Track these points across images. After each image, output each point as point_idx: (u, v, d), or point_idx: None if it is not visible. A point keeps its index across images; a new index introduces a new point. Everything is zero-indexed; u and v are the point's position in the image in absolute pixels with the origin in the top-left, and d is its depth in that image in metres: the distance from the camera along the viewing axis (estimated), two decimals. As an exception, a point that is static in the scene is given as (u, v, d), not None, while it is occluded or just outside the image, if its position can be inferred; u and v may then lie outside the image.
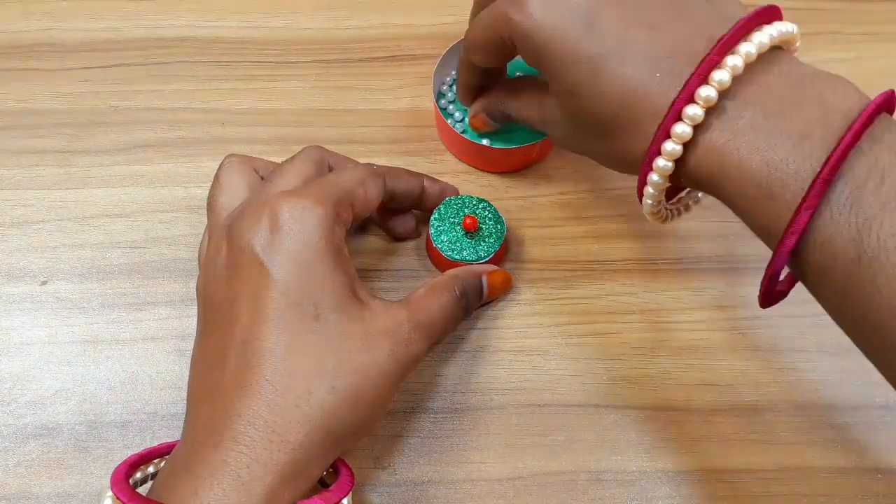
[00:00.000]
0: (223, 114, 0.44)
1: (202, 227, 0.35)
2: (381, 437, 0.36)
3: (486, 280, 0.37)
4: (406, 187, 0.37)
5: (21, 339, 0.38)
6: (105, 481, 0.28)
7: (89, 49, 0.45)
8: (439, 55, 0.41)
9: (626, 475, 0.36)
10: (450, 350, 0.38)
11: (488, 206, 0.39)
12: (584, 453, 0.36)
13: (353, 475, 0.31)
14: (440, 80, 0.42)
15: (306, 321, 0.29)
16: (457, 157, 0.43)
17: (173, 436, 0.35)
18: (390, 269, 0.40)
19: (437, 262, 0.39)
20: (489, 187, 0.42)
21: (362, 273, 0.39)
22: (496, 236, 0.38)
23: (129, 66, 0.45)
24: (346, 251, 0.32)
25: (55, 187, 0.41)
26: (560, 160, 0.43)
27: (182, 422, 0.31)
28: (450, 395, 0.37)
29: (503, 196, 0.42)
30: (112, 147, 0.42)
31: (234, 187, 0.34)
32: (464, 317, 0.37)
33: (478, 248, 0.38)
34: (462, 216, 0.38)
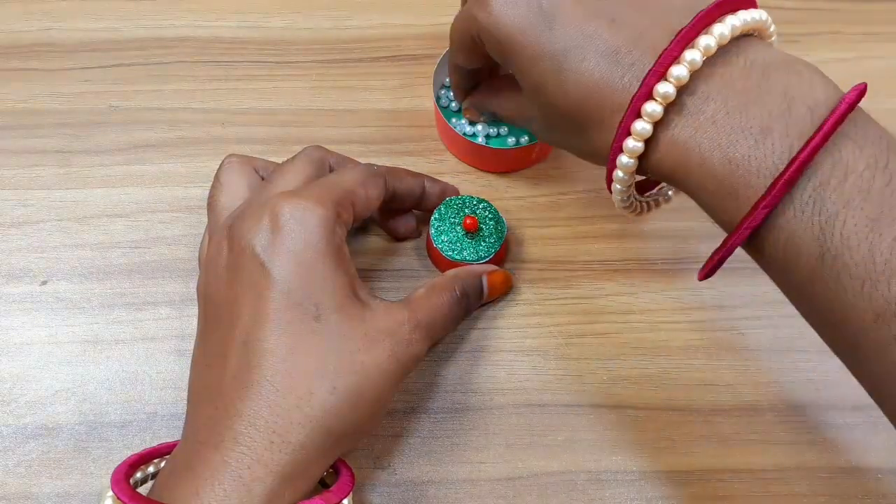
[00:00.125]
0: (223, 114, 0.44)
1: (202, 227, 0.35)
2: (381, 437, 0.36)
3: (486, 280, 0.37)
4: (406, 187, 0.37)
5: (21, 339, 0.38)
6: (105, 481, 0.28)
7: (89, 49, 0.45)
8: (439, 55, 0.41)
9: (626, 475, 0.36)
10: (450, 350, 0.38)
11: (488, 206, 0.39)
12: (584, 453, 0.36)
13: (353, 475, 0.31)
14: (440, 80, 0.42)
15: (307, 321, 0.29)
16: (457, 157, 0.43)
17: (173, 436, 0.35)
18: (390, 269, 0.40)
19: (437, 262, 0.39)
20: (489, 187, 0.42)
21: (363, 273, 0.39)
22: (496, 236, 0.38)
23: (129, 66, 0.45)
24: (347, 251, 0.32)
25: (55, 187, 0.41)
26: (560, 160, 0.43)
27: (182, 422, 0.31)
28: (450, 395, 0.37)
29: (503, 196, 0.42)
30: (112, 147, 0.42)
31: (234, 187, 0.34)
32: (464, 317, 0.37)
33: (478, 248, 0.38)
34: (462, 216, 0.38)
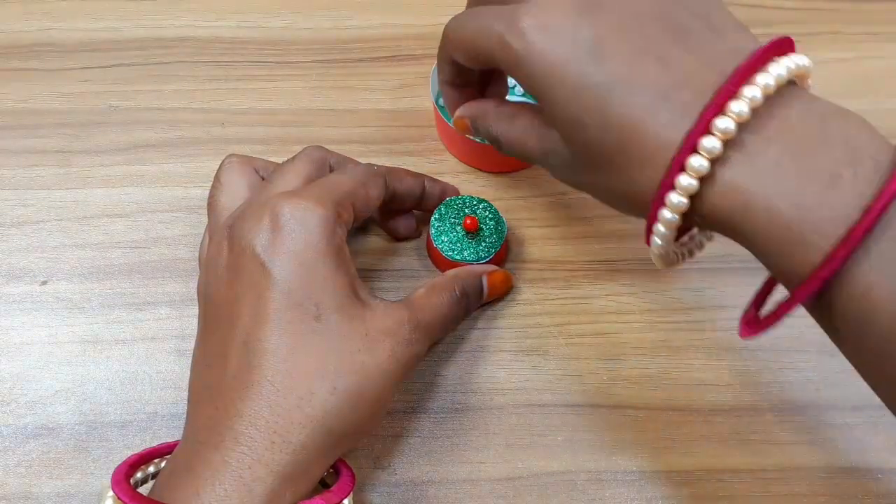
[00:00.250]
0: (223, 114, 0.44)
1: (202, 227, 0.35)
2: (381, 437, 0.36)
3: (486, 280, 0.37)
4: (407, 187, 0.37)
5: (21, 339, 0.38)
6: (105, 481, 0.28)
7: (89, 49, 0.45)
8: (439, 55, 0.41)
9: (626, 475, 0.36)
10: (450, 350, 0.38)
11: (489, 206, 0.39)
12: (584, 453, 0.36)
13: (353, 475, 0.31)
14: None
15: (307, 321, 0.29)
16: (457, 157, 0.43)
17: (173, 436, 0.35)
18: (390, 269, 0.40)
19: (437, 262, 0.39)
20: (489, 187, 0.42)
21: (363, 273, 0.39)
22: (497, 236, 0.38)
23: (129, 66, 0.45)
24: (347, 251, 0.32)
25: (55, 187, 0.41)
26: (560, 160, 0.43)
27: (182, 422, 0.31)
28: (450, 395, 0.37)
29: (503, 196, 0.42)
30: (112, 147, 0.42)
31: (234, 187, 0.34)
32: (464, 317, 0.37)
33: (478, 248, 0.38)
34: (462, 216, 0.38)
